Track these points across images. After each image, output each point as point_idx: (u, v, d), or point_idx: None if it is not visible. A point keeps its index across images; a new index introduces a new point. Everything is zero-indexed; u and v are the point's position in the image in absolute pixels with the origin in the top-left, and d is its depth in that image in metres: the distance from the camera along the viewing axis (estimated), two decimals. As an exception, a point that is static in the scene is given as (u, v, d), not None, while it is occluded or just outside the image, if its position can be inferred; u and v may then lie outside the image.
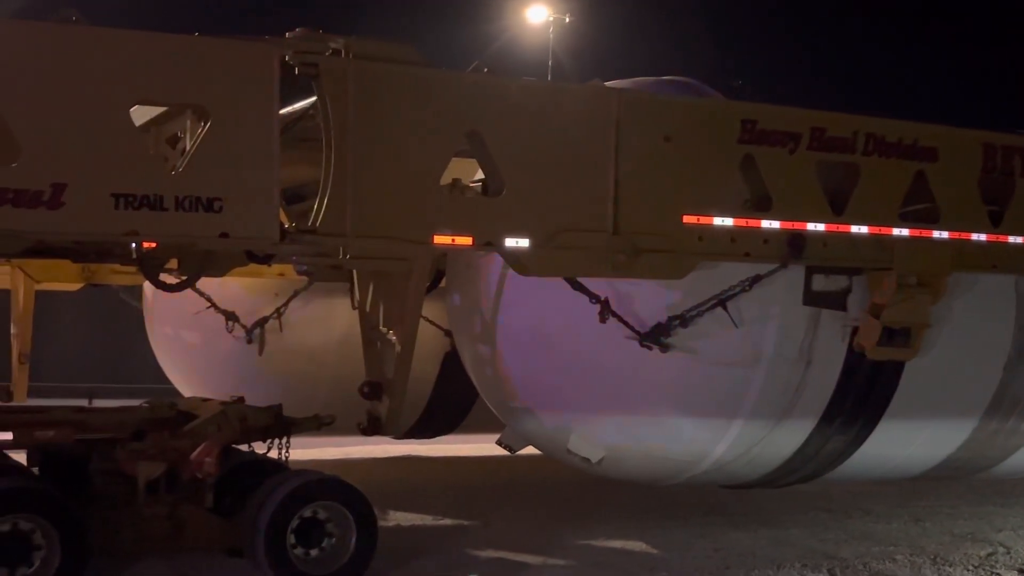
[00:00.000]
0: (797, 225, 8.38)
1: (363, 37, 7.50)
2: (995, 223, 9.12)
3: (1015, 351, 9.45)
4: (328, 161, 7.18)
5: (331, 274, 9.84)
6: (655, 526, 9.73)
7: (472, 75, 8.00)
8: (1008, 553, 8.98)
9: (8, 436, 7.48)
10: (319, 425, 8.40)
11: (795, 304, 8.60)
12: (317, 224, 7.17)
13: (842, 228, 8.54)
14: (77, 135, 6.52)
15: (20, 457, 8.16)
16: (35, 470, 8.15)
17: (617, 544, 9.05)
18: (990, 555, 8.89)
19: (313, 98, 7.42)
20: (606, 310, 8.33)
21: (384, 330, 8.24)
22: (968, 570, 8.31)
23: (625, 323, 8.37)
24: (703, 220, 8.15)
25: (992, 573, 8.23)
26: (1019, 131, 9.70)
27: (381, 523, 7.76)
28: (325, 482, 7.52)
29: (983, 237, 9.03)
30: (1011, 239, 9.13)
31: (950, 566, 8.44)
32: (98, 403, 8.69)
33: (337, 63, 7.27)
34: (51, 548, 6.64)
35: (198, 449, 7.40)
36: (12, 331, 13.79)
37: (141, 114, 7.50)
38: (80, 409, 8.32)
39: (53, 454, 8.09)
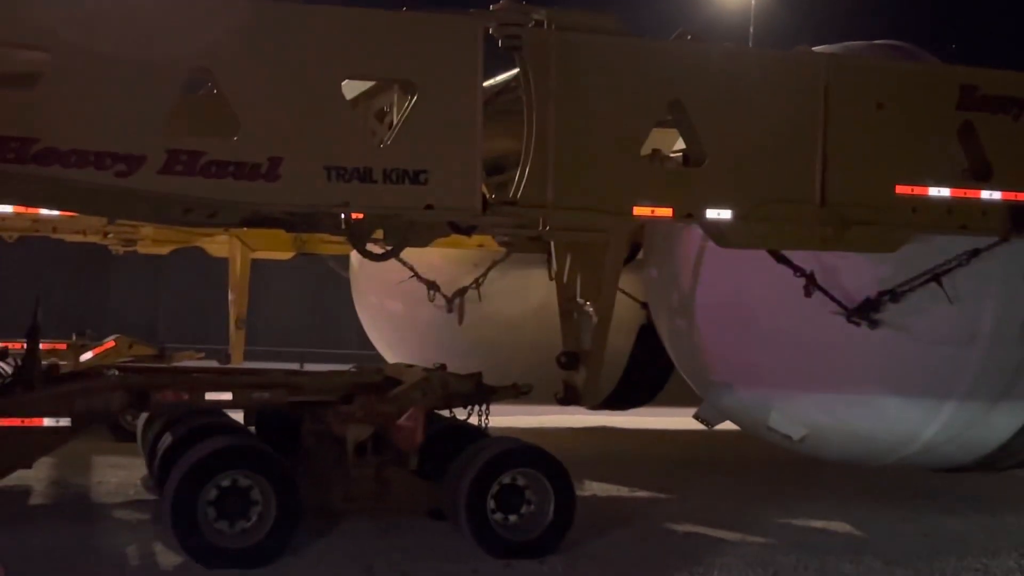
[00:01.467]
0: (1020, 196, 7.95)
1: (565, 8, 7.50)
2: None
3: None
4: (529, 133, 7.21)
5: (530, 245, 10.00)
6: (859, 508, 9.44)
7: (674, 43, 7.89)
8: None
9: (227, 396, 7.85)
10: (517, 393, 8.49)
11: (1017, 280, 8.26)
12: (518, 196, 7.23)
13: None
14: (293, 110, 6.78)
15: (238, 416, 8.68)
16: (252, 429, 8.62)
17: (818, 524, 8.84)
18: None
19: (516, 70, 7.48)
20: (812, 284, 8.14)
21: (581, 301, 8.28)
22: None
23: (832, 297, 8.18)
24: (917, 190, 7.82)
25: None
26: None
27: (579, 493, 7.81)
28: (525, 450, 7.62)
29: None
30: None
31: None
32: (309, 367, 9.07)
33: (540, 34, 7.29)
34: (267, 504, 6.97)
35: (405, 415, 7.63)
36: (230, 297, 14.61)
37: (351, 89, 7.73)
38: (293, 373, 8.71)
39: (268, 415, 8.54)
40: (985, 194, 7.93)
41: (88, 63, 6.43)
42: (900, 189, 7.78)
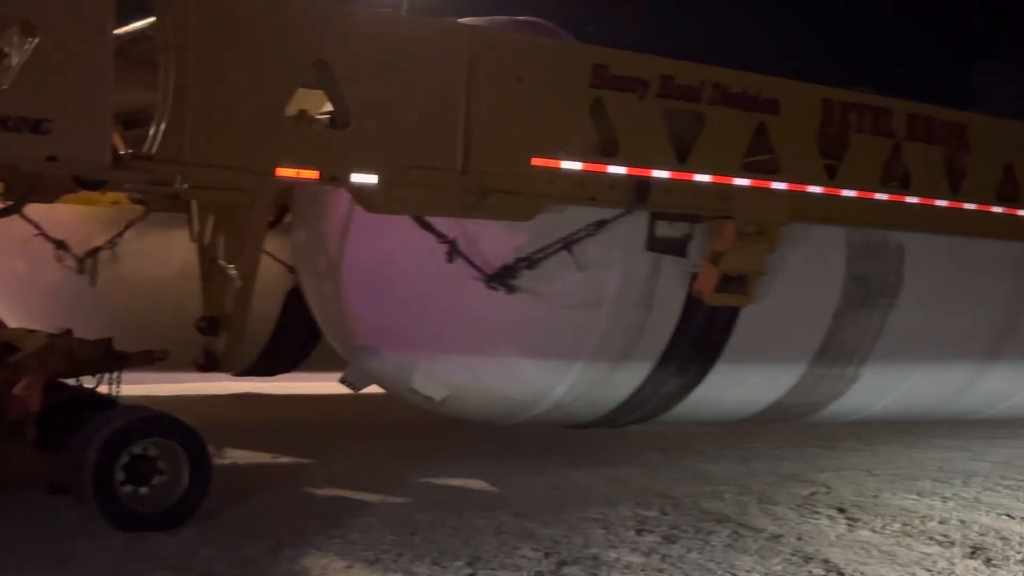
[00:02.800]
0: (643, 171, 8.45)
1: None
2: (830, 176, 9.42)
3: (844, 301, 9.82)
4: (166, 85, 6.87)
5: (170, 204, 9.55)
6: (495, 465, 9.83)
7: (320, 3, 7.78)
8: (829, 492, 9.34)
9: None
10: (152, 360, 8.14)
11: (638, 249, 8.69)
12: (153, 151, 6.87)
13: (686, 176, 8.67)
14: None
15: None
16: None
17: (456, 482, 9.10)
18: (812, 494, 9.23)
19: (152, 18, 7.09)
20: (454, 250, 8.28)
21: (224, 264, 8.02)
22: (791, 508, 8.61)
23: (472, 263, 8.32)
24: (552, 163, 8.15)
25: (813, 512, 8.56)
26: (858, 88, 10.05)
27: (217, 461, 7.60)
28: (157, 419, 7.30)
29: (819, 190, 9.32)
30: (844, 192, 9.43)
31: (774, 505, 8.74)
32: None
33: (180, -16, 6.94)
34: None
35: (20, 383, 7.09)
36: None
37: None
38: None
39: None
40: (612, 169, 8.36)
41: None
42: (536, 161, 8.09)
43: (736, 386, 9.82)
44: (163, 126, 6.86)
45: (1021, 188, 10.51)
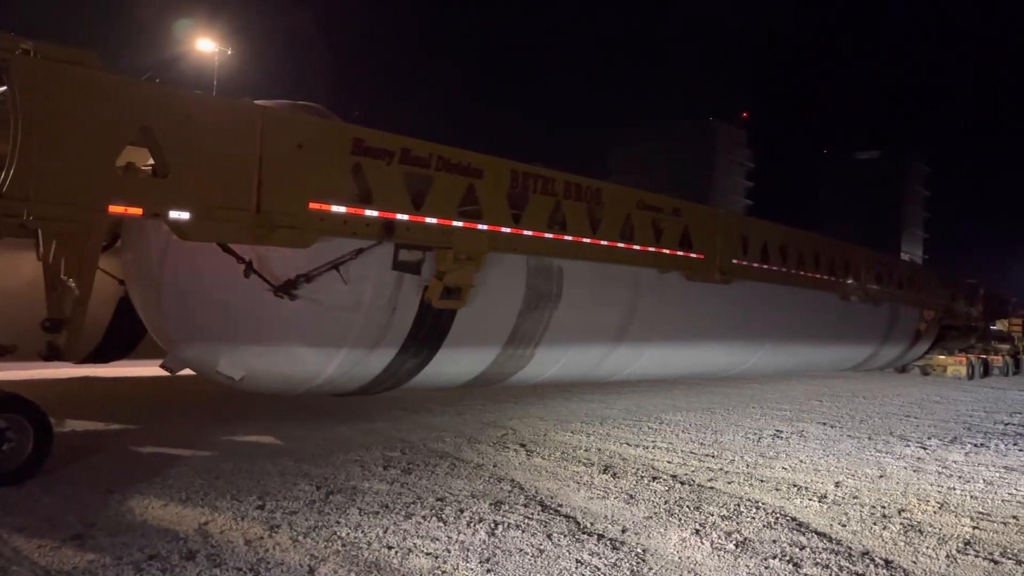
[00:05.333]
0: (389, 215, 8.45)
1: (51, 42, 6.52)
2: (516, 221, 9.76)
3: (524, 304, 10.19)
4: (15, 139, 6.17)
5: (18, 231, 8.55)
6: (280, 425, 9.49)
7: (145, 82, 7.23)
8: (515, 433, 9.68)
9: None
10: (2, 352, 7.25)
11: (386, 269, 8.66)
12: (5, 190, 6.16)
13: (420, 219, 8.73)
14: None
15: None
16: None
17: (252, 439, 8.71)
18: (503, 435, 9.53)
19: (4, 87, 6.34)
20: (249, 269, 7.94)
21: (65, 278, 7.26)
22: (490, 446, 8.86)
23: (263, 278, 8.02)
24: (324, 207, 7.99)
25: (504, 447, 8.83)
26: (534, 163, 10.46)
27: (58, 430, 6.89)
28: (5, 398, 6.51)
29: (508, 230, 9.63)
30: (525, 232, 9.81)
31: (479, 444, 8.96)
32: None
33: (27, 61, 6.26)
34: None
35: None
36: None
37: None
38: None
39: None
40: (368, 212, 8.32)
41: None
42: (312, 205, 7.90)
43: (455, 363, 9.95)
44: (12, 171, 6.16)
45: (635, 231, 11.30)
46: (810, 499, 7.15)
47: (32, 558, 4.86)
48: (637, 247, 11.19)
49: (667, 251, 11.69)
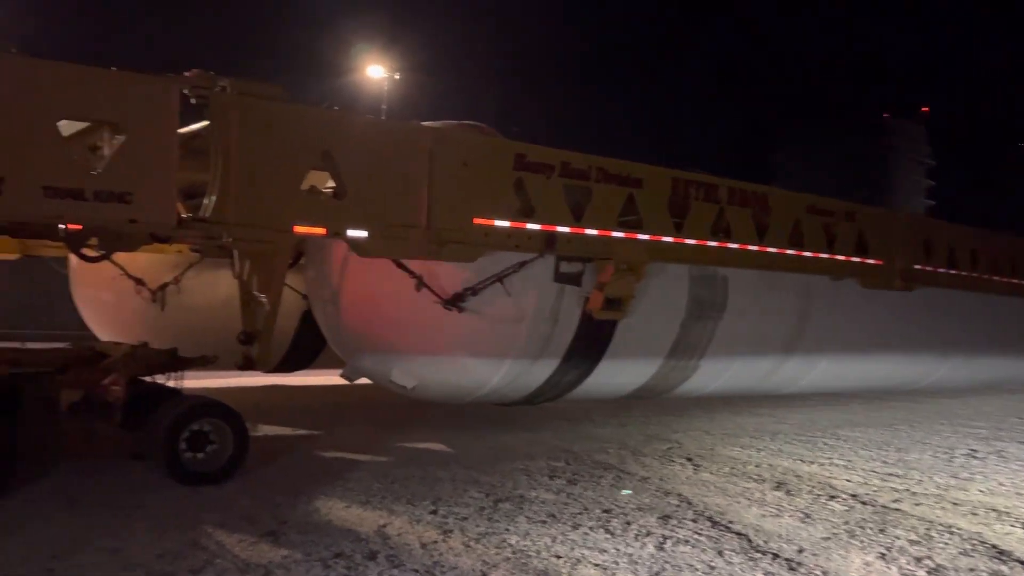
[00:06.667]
0: (551, 227, 8.54)
1: (243, 78, 7.13)
2: (678, 230, 9.59)
3: (687, 314, 9.97)
4: (215, 169, 6.79)
5: (218, 252, 9.40)
6: (450, 433, 9.75)
7: (326, 110, 7.76)
8: (680, 447, 9.42)
9: (-45, 370, 6.72)
10: (206, 362, 7.98)
11: (548, 281, 8.74)
12: (207, 215, 6.78)
13: (580, 231, 8.77)
14: (15, 140, 5.90)
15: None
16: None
17: (423, 446, 9.02)
18: (669, 448, 9.30)
19: (206, 122, 7.00)
20: (420, 282, 8.28)
21: (257, 294, 7.89)
22: (655, 459, 8.67)
23: (433, 292, 8.33)
24: (488, 222, 8.20)
25: (670, 460, 8.63)
26: (696, 169, 10.23)
27: (253, 434, 7.45)
28: (209, 404, 7.15)
29: (669, 239, 9.48)
30: (687, 241, 9.61)
31: (643, 456, 8.80)
32: (30, 346, 7.94)
33: (225, 97, 6.87)
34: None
35: (108, 379, 6.90)
36: (-40, 289, 12.39)
37: (69, 127, 6.85)
38: (15, 349, 7.59)
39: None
40: (530, 226, 8.46)
41: None
42: (477, 220, 8.14)
43: (616, 374, 9.88)
44: (214, 197, 6.77)
45: (804, 237, 10.79)
46: (1012, 525, 6.49)
47: (234, 552, 5.28)
48: (807, 254, 10.67)
49: (840, 257, 11.05)
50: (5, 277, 18.40)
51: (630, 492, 7.13)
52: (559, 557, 5.40)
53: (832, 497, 7.23)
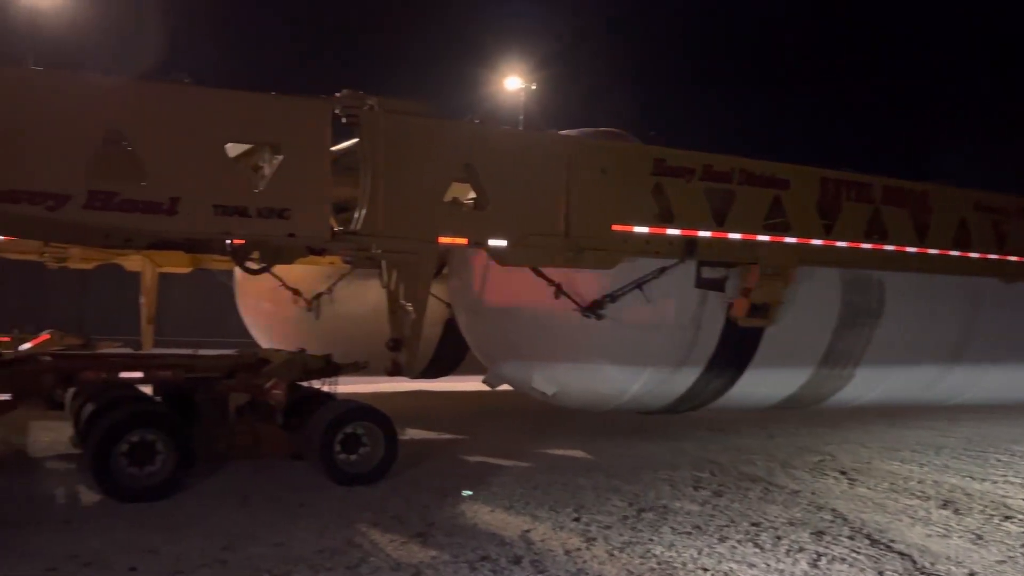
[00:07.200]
0: (691, 232, 8.37)
1: (390, 96, 7.43)
2: (828, 232, 9.14)
3: (840, 321, 9.49)
4: (365, 184, 7.11)
5: (367, 262, 9.82)
6: (590, 440, 9.73)
7: (467, 124, 7.94)
8: (833, 460, 8.99)
9: (139, 375, 7.41)
10: (358, 368, 8.35)
11: (689, 287, 8.58)
12: (358, 228, 7.11)
13: (722, 235, 8.54)
14: (188, 163, 6.43)
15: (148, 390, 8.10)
16: (158, 399, 8.08)
17: (564, 453, 9.03)
18: (821, 461, 8.90)
19: (356, 139, 7.35)
20: (559, 290, 8.32)
21: (403, 302, 8.18)
22: (806, 471, 8.31)
23: (572, 299, 8.35)
24: (627, 228, 8.13)
25: (822, 474, 8.24)
26: (848, 169, 9.73)
27: (401, 437, 7.72)
28: (362, 408, 7.47)
29: (819, 242, 9.06)
30: (838, 243, 9.15)
31: (793, 468, 8.45)
32: (202, 352, 8.59)
33: (373, 115, 7.18)
34: (168, 453, 6.59)
35: (270, 383, 7.34)
36: (141, 301, 13.63)
37: (234, 149, 7.39)
38: (189, 356, 8.24)
39: (170, 387, 8.03)
40: (670, 231, 8.32)
41: (21, 125, 5.90)
42: (616, 227, 8.09)
43: (763, 383, 9.55)
44: (363, 211, 7.08)
45: (971, 237, 10.02)
46: None
47: (386, 551, 5.49)
48: (974, 255, 9.88)
49: (1013, 258, 10.15)
50: (180, 289, 20.09)
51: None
52: (706, 570, 5.25)
53: (1007, 518, 6.65)
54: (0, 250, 11.55)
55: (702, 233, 8.40)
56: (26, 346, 11.42)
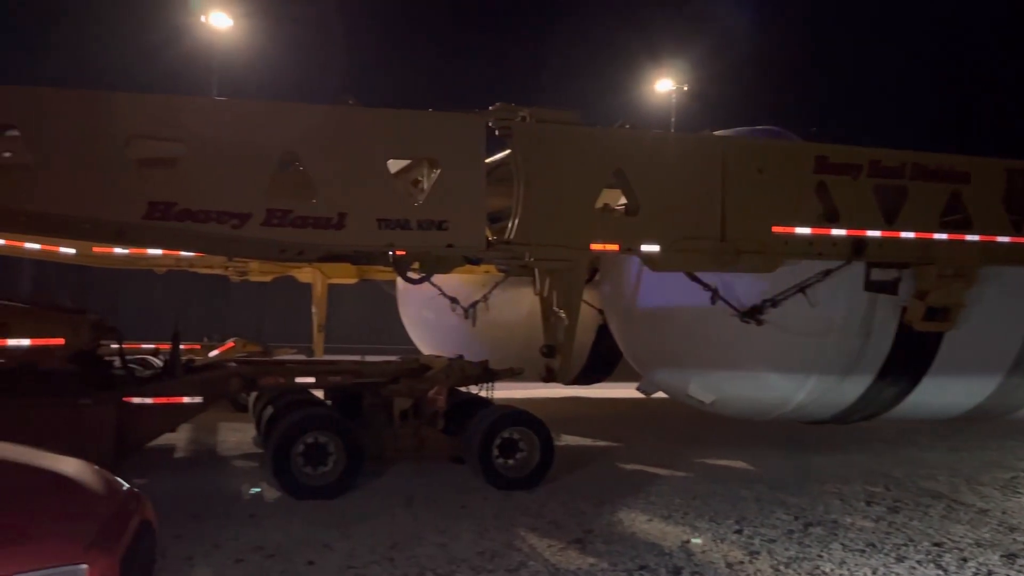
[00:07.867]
0: (859, 232, 7.92)
1: (542, 107, 7.52)
2: (1017, 229, 8.35)
3: (1034, 325, 8.64)
4: (518, 193, 7.22)
5: (521, 271, 9.98)
6: (752, 450, 9.40)
7: (617, 129, 7.90)
8: (1028, 477, 8.21)
9: (311, 380, 7.88)
10: (513, 374, 8.49)
11: (857, 290, 8.14)
12: (511, 237, 7.23)
13: (894, 234, 8.00)
14: (354, 180, 6.79)
15: (320, 394, 8.62)
16: (329, 403, 8.58)
17: (724, 463, 8.78)
18: (1014, 478, 8.16)
19: (508, 151, 7.50)
20: (716, 295, 8.11)
21: (556, 309, 8.25)
22: (996, 489, 7.64)
23: (730, 304, 8.12)
24: (787, 229, 7.80)
25: (1015, 492, 7.53)
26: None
27: (556, 443, 7.77)
28: (518, 414, 7.59)
29: (1006, 239, 8.28)
30: (1030, 240, 8.33)
31: (981, 485, 7.78)
32: (369, 358, 9.04)
33: (524, 126, 7.30)
34: (339, 455, 6.96)
35: (432, 389, 7.60)
36: (313, 310, 14.59)
37: (395, 165, 7.73)
38: (357, 362, 8.67)
39: (340, 392, 8.50)
40: (835, 231, 7.90)
41: (210, 150, 6.46)
42: (776, 228, 7.77)
43: (943, 392, 8.85)
44: (517, 221, 7.21)
45: None
46: None
47: (544, 556, 5.54)
48: None
49: None
50: (347, 299, 21.30)
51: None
52: (883, 592, 4.92)
53: None
54: (190, 265, 12.76)
55: (871, 233, 7.91)
56: (214, 353, 12.54)
